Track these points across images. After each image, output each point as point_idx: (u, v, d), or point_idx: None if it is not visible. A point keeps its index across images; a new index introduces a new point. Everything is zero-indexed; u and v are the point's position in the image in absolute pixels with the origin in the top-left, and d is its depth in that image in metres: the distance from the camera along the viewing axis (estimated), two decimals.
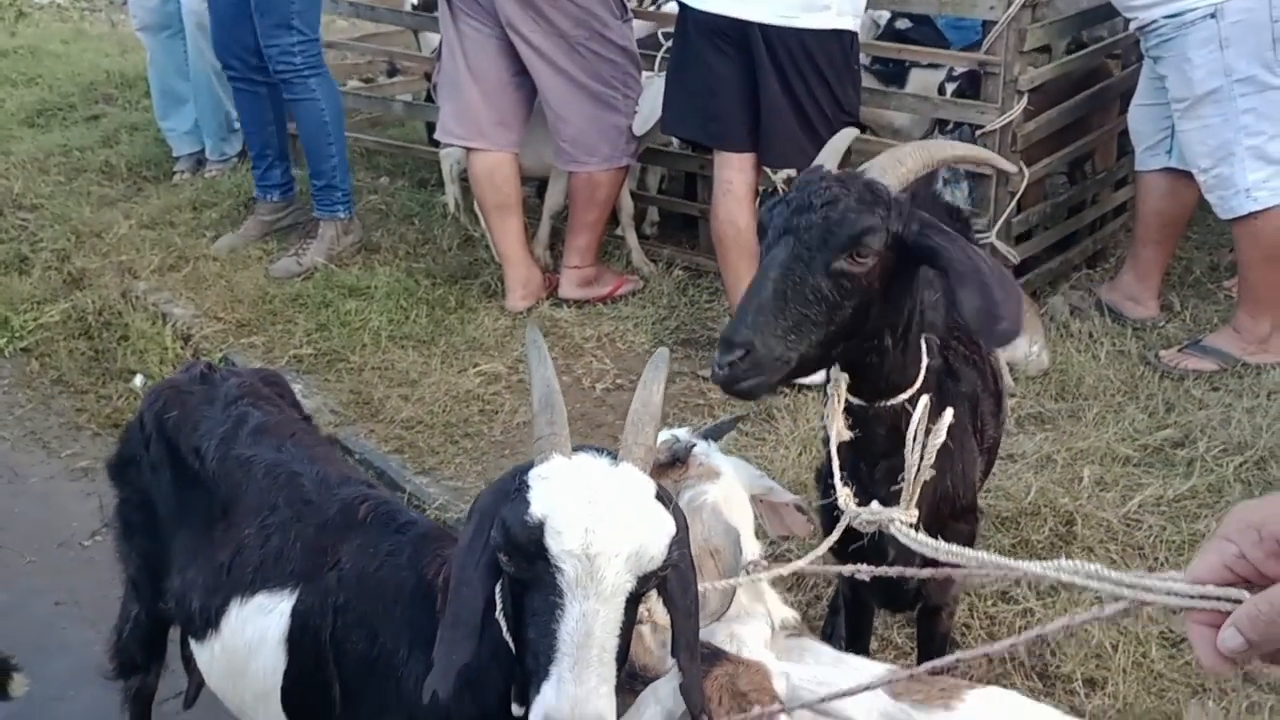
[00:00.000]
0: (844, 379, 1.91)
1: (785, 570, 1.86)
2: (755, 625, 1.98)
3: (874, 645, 2.97)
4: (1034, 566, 1.20)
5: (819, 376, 4.10)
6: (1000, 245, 4.37)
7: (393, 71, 6.48)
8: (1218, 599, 1.00)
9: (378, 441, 4.04)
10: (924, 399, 1.74)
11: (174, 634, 2.41)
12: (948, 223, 2.64)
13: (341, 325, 4.74)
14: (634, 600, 1.40)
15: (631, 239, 5.25)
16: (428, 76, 5.87)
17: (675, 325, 4.76)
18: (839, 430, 1.87)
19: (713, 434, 2.18)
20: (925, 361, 1.99)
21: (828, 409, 1.89)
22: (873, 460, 2.00)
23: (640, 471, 1.45)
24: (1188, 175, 4.11)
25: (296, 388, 4.29)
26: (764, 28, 3.97)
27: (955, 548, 1.38)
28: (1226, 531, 1.00)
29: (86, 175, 6.39)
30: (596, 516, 1.36)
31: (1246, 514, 1.01)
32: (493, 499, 1.45)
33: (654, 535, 1.39)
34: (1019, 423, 3.88)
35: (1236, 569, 0.99)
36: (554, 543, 1.35)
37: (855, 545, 2.04)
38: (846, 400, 1.92)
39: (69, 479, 4.09)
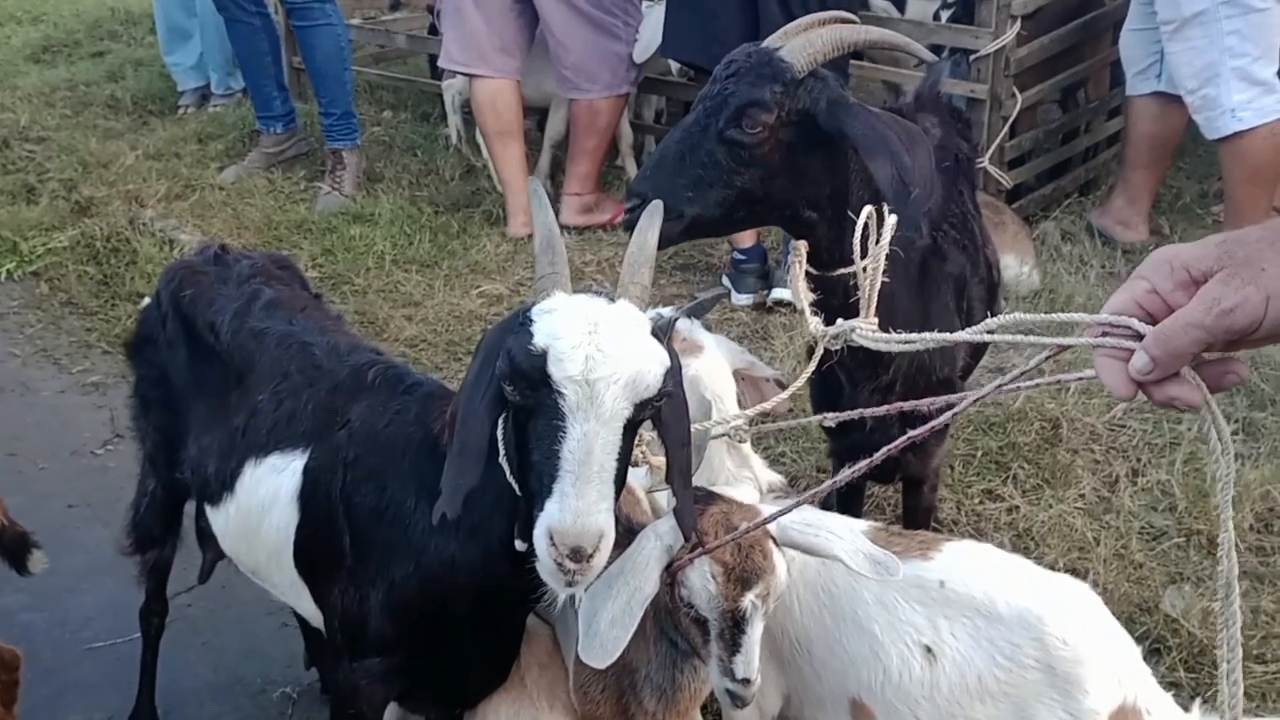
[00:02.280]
0: (801, 245, 2.03)
1: (763, 407, 1.98)
2: (743, 488, 2.09)
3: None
4: (965, 334, 1.31)
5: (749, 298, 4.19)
6: (993, 169, 4.45)
7: (395, 6, 6.51)
8: (1124, 332, 1.10)
9: None
10: (867, 208, 1.85)
11: (189, 517, 2.50)
12: (949, 122, 2.74)
13: (346, 250, 4.82)
14: (631, 427, 1.49)
15: (631, 167, 5.32)
16: (430, 10, 5.91)
17: (673, 251, 4.83)
18: (803, 291, 1.97)
19: (695, 311, 2.27)
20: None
21: (790, 273, 2.00)
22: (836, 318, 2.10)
23: (636, 308, 1.54)
24: (1177, 99, 4.18)
25: None
26: None
27: (902, 335, 1.49)
28: (1141, 270, 1.10)
29: (92, 109, 6.44)
30: (596, 345, 1.45)
31: (1162, 251, 1.11)
32: (498, 335, 1.54)
33: (650, 364, 1.48)
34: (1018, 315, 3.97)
35: (1146, 304, 1.09)
36: (556, 369, 1.45)
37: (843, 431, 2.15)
38: (807, 268, 2.02)
39: (80, 393, 4.19)
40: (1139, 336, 1.09)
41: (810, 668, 2.02)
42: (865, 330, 1.66)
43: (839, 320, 1.75)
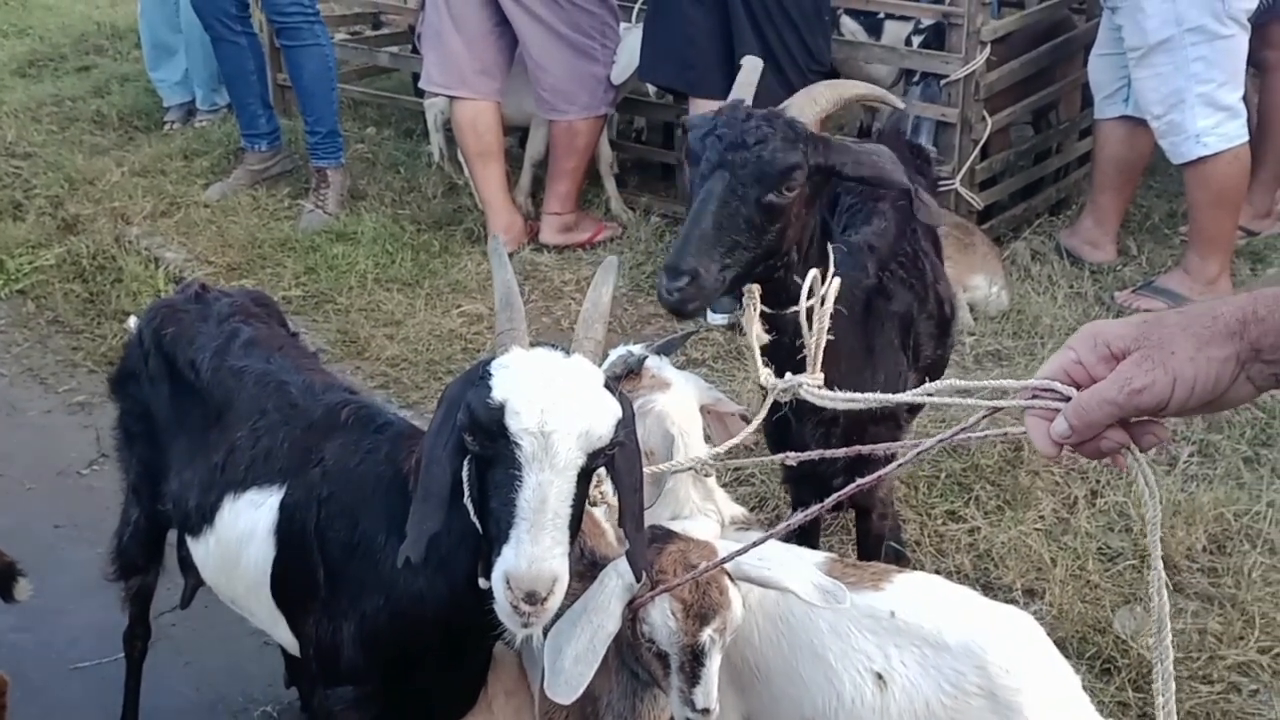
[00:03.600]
0: (755, 289, 2.12)
1: (724, 447, 2.07)
2: (704, 521, 2.17)
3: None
4: (906, 395, 1.41)
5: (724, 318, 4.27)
6: (964, 191, 4.55)
7: (378, 24, 6.57)
8: (1051, 395, 1.21)
9: (364, 378, 4.20)
10: (813, 271, 1.93)
11: (172, 541, 2.58)
12: (911, 161, 2.83)
13: (329, 269, 4.89)
14: (585, 475, 1.58)
15: (610, 187, 5.40)
16: (412, 29, 5.98)
17: (652, 270, 4.91)
18: (757, 334, 2.06)
19: (664, 349, 2.35)
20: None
21: (745, 316, 2.07)
22: (789, 357, 2.18)
23: (590, 362, 1.63)
24: (1144, 123, 4.28)
25: None
26: None
27: (847, 394, 1.58)
28: (1071, 342, 1.21)
29: (78, 124, 6.50)
30: (551, 399, 1.54)
31: (1089, 327, 1.22)
32: (459, 387, 1.63)
33: (602, 416, 1.57)
34: (977, 359, 4.07)
35: (1072, 373, 1.19)
36: (513, 422, 1.53)
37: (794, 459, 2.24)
38: (761, 309, 2.11)
39: (66, 413, 4.26)
40: (1066, 399, 1.19)
41: (768, 693, 2.10)
42: (811, 386, 1.73)
43: (788, 374, 1.82)
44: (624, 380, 2.23)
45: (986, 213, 4.76)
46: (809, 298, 2.00)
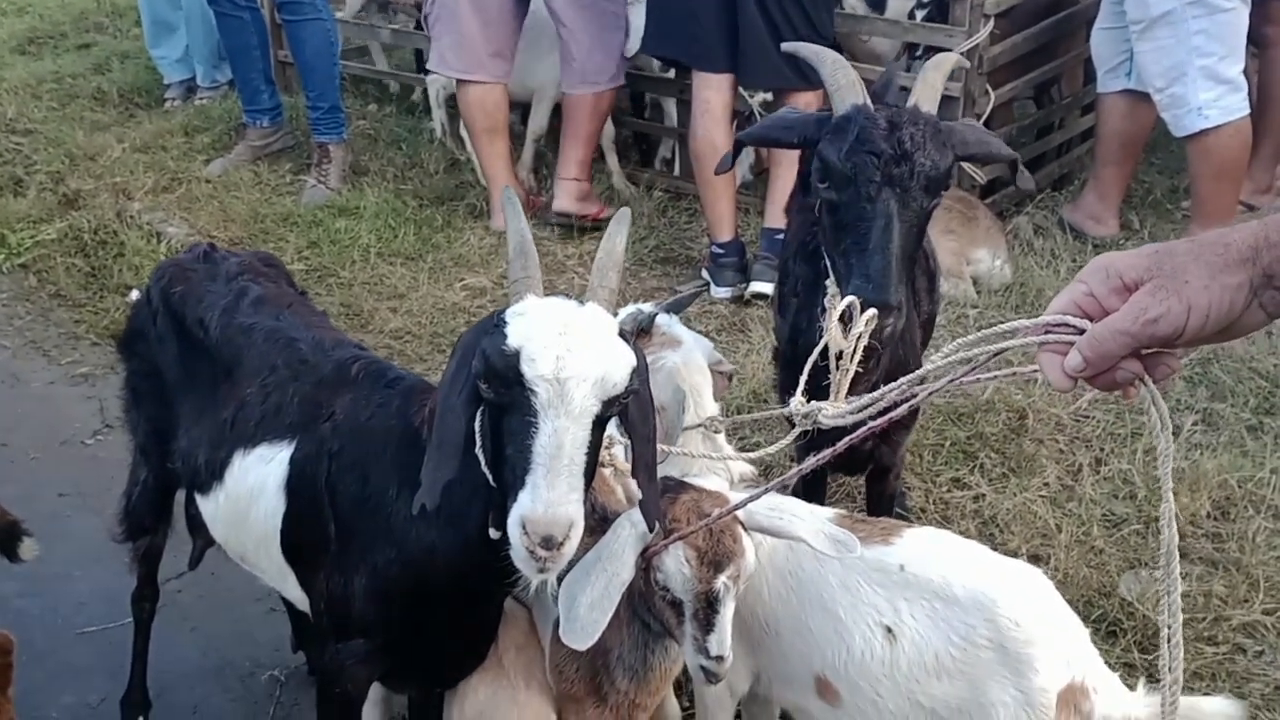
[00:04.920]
0: (840, 298, 2.02)
1: (754, 455, 2.05)
2: (713, 478, 2.18)
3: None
4: (922, 371, 1.40)
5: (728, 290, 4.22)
6: (967, 165, 4.53)
7: (383, 6, 6.53)
8: (1064, 329, 1.21)
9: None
10: (850, 298, 1.91)
11: (180, 502, 2.58)
12: None
13: (332, 243, 4.89)
14: (599, 423, 1.58)
15: (613, 161, 5.40)
16: (418, 7, 5.96)
17: (655, 244, 4.93)
18: (836, 338, 1.95)
19: (674, 307, 2.35)
20: None
21: (829, 322, 1.96)
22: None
23: (604, 310, 1.63)
24: (1146, 97, 4.28)
25: None
26: None
27: (864, 399, 1.56)
28: (1082, 274, 1.21)
29: (79, 101, 6.48)
30: (566, 346, 1.54)
31: (1101, 258, 1.22)
32: (473, 335, 1.63)
33: (617, 364, 1.57)
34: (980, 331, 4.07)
35: (1084, 306, 1.19)
36: (529, 368, 1.53)
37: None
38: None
39: (69, 384, 4.25)
40: (1080, 332, 1.19)
41: (778, 648, 2.11)
42: (830, 413, 1.72)
43: (811, 400, 1.79)
44: (636, 338, 2.23)
45: (989, 187, 4.76)
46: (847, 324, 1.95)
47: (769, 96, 4.76)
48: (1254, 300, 1.13)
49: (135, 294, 4.82)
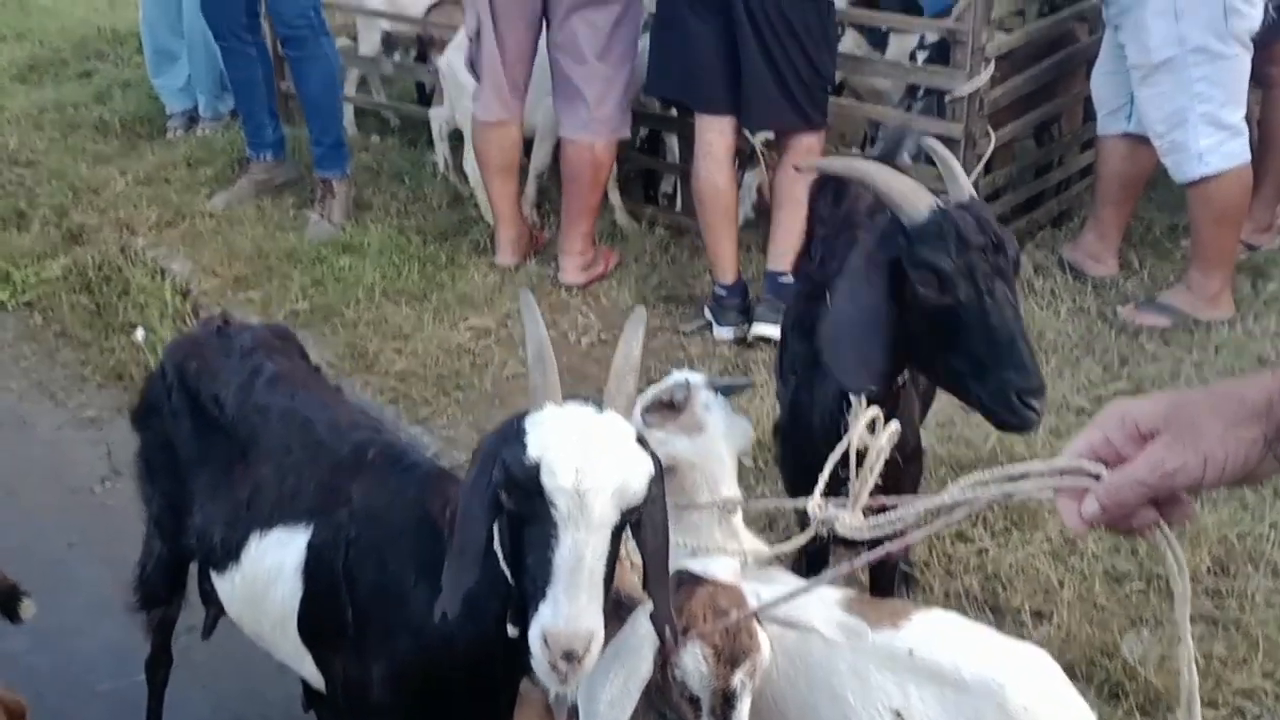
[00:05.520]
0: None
1: (775, 550, 2.07)
2: (726, 561, 2.20)
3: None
4: (938, 499, 1.42)
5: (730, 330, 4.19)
6: None
7: (390, 46, 6.54)
8: (1082, 475, 1.23)
9: (373, 393, 4.23)
10: (873, 409, 1.92)
11: (192, 571, 2.61)
12: None
13: (336, 281, 4.90)
14: (618, 531, 1.61)
15: (615, 197, 5.42)
16: (419, 39, 6.00)
17: (657, 282, 4.95)
18: (859, 441, 1.92)
19: (724, 390, 2.32)
20: None
21: (854, 425, 1.92)
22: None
23: (622, 418, 1.66)
24: (1146, 140, 4.31)
25: None
26: None
27: (883, 518, 1.57)
28: (1098, 420, 1.24)
29: (81, 131, 6.51)
30: (585, 457, 1.57)
31: (1116, 405, 1.25)
32: (494, 443, 1.65)
33: (636, 473, 1.60)
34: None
35: (1101, 452, 1.22)
36: (549, 480, 1.56)
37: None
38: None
39: (77, 428, 4.28)
40: (1096, 478, 1.22)
41: None
42: (848, 523, 1.73)
43: (829, 505, 1.80)
44: (665, 410, 2.23)
45: None
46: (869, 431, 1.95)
47: (770, 135, 4.79)
48: (1269, 453, 1.16)
49: (140, 332, 4.87)
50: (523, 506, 1.59)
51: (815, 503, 1.79)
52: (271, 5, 5.23)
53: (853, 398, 2.12)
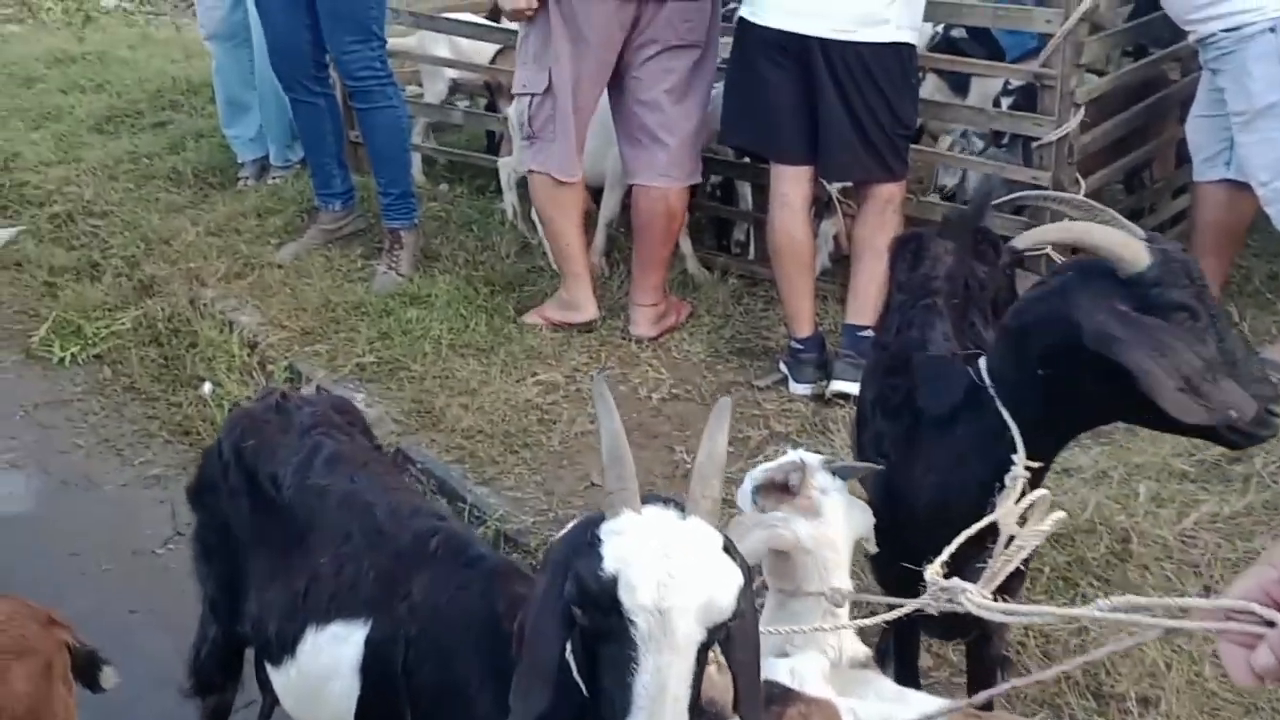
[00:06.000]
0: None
1: (864, 623, 1.91)
2: (813, 657, 2.03)
3: (929, 662, 3.02)
4: (1082, 610, 1.27)
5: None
6: (1056, 255, 4.37)
7: (454, 89, 6.52)
8: (1251, 620, 1.06)
9: (439, 451, 4.12)
10: (1039, 492, 1.79)
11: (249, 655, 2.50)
12: (966, 245, 2.70)
13: (403, 334, 4.83)
14: (704, 649, 1.46)
15: (687, 246, 5.29)
16: (487, 86, 5.95)
17: (730, 334, 4.81)
18: (1009, 521, 1.82)
19: (842, 472, 2.17)
20: None
21: (1004, 503, 1.82)
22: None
23: (708, 524, 1.50)
24: (1246, 186, 4.09)
25: (359, 397, 4.45)
26: (823, 42, 4.00)
27: (1017, 607, 1.42)
28: (1271, 557, 1.06)
29: (154, 182, 6.54)
30: (668, 571, 1.42)
31: None
32: (565, 552, 1.51)
33: (723, 588, 1.44)
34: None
35: (1274, 594, 1.05)
36: (628, 597, 1.41)
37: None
38: None
39: (142, 486, 4.23)
40: (1269, 624, 1.06)
41: None
42: (976, 600, 1.57)
43: (954, 578, 1.65)
44: (779, 491, 2.08)
45: None
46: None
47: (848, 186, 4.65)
48: None
49: (207, 387, 4.83)
50: (599, 624, 1.44)
51: (934, 569, 1.64)
52: (337, 58, 5.20)
53: (1009, 477, 1.95)
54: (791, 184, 4.26)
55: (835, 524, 2.10)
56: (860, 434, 2.49)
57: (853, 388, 4.17)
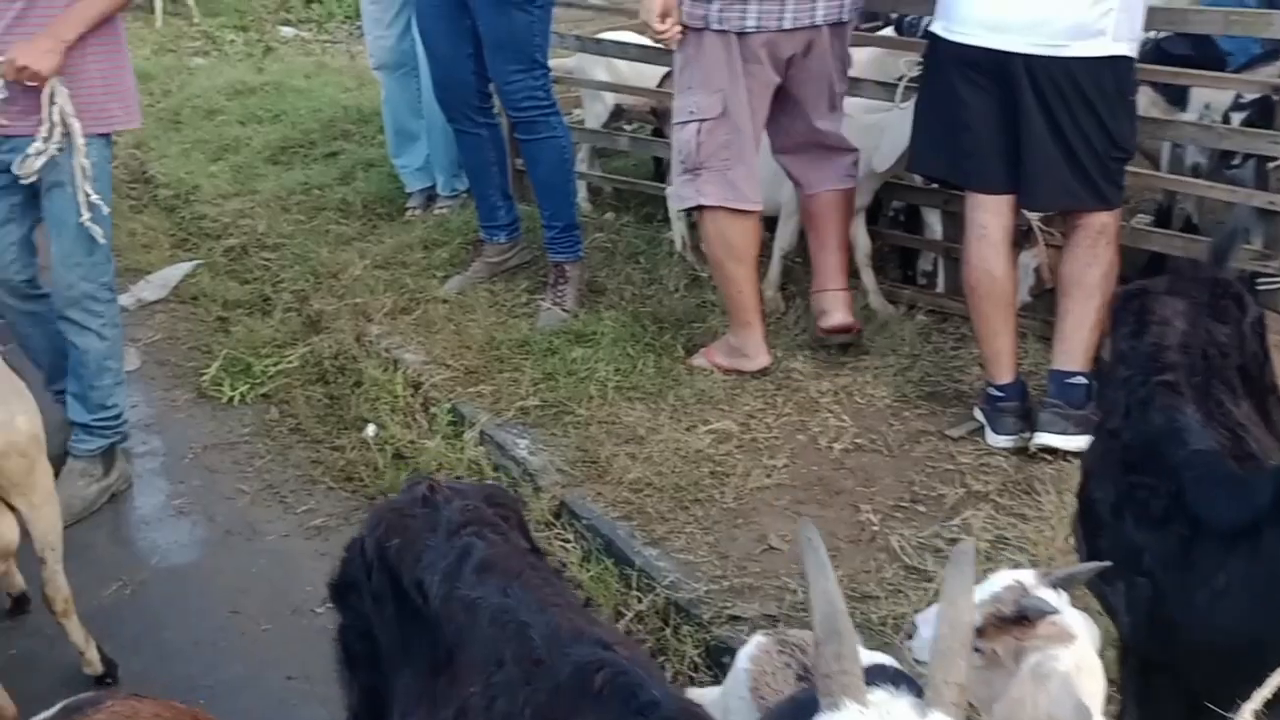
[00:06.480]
0: None
1: None
2: None
3: None
4: None
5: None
6: None
7: (618, 113, 6.29)
8: None
9: (605, 505, 3.87)
10: None
11: None
12: (1202, 304, 2.28)
13: (568, 374, 4.60)
14: None
15: (869, 279, 4.91)
16: (653, 112, 5.71)
17: (918, 377, 4.41)
18: None
19: (1064, 583, 1.83)
20: None
21: None
22: None
23: (953, 717, 1.17)
24: None
25: (523, 443, 4.25)
26: (1027, 59, 3.59)
27: None
28: None
29: (325, 213, 6.52)
30: None
31: None
32: None
33: None
34: None
35: None
36: None
37: None
38: None
39: (304, 537, 4.11)
40: None
41: None
42: None
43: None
44: (1015, 625, 1.74)
45: None
46: None
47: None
48: None
49: (371, 429, 4.70)
50: None
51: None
52: (500, 87, 5.03)
53: None
54: (991, 214, 3.86)
55: (1087, 642, 1.76)
56: (1094, 538, 2.10)
57: (1060, 441, 3.77)
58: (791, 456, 4.02)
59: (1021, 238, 4.40)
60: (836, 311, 4.47)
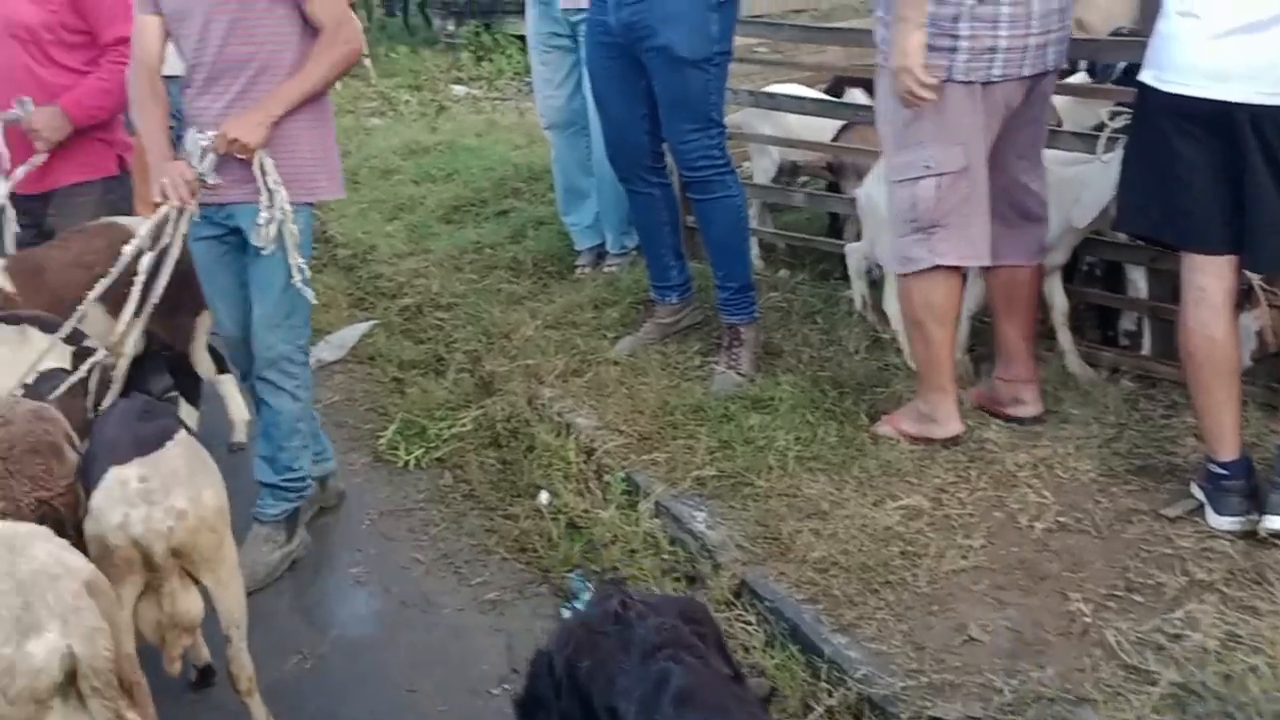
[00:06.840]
0: None
1: None
2: None
3: None
4: None
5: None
6: None
7: (796, 170, 6.14)
8: None
9: (788, 586, 3.67)
10: None
11: None
12: None
13: (745, 443, 4.43)
14: None
15: (1065, 340, 4.61)
16: (829, 167, 5.53)
17: (1127, 449, 4.09)
18: None
19: None
20: None
21: None
22: None
23: None
24: None
25: (700, 515, 4.09)
26: (1252, 109, 3.30)
27: None
28: None
29: (496, 272, 6.56)
30: None
31: None
32: None
33: None
34: None
35: None
36: None
37: None
38: None
39: (479, 611, 4.04)
40: None
41: None
42: None
43: None
44: None
45: None
46: None
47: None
48: None
49: (544, 496, 4.62)
50: None
51: None
52: (674, 147, 4.94)
53: None
54: (1212, 276, 3.54)
55: None
56: None
57: None
58: (989, 536, 3.76)
59: (1242, 298, 4.05)
60: (1032, 403, 4.30)
